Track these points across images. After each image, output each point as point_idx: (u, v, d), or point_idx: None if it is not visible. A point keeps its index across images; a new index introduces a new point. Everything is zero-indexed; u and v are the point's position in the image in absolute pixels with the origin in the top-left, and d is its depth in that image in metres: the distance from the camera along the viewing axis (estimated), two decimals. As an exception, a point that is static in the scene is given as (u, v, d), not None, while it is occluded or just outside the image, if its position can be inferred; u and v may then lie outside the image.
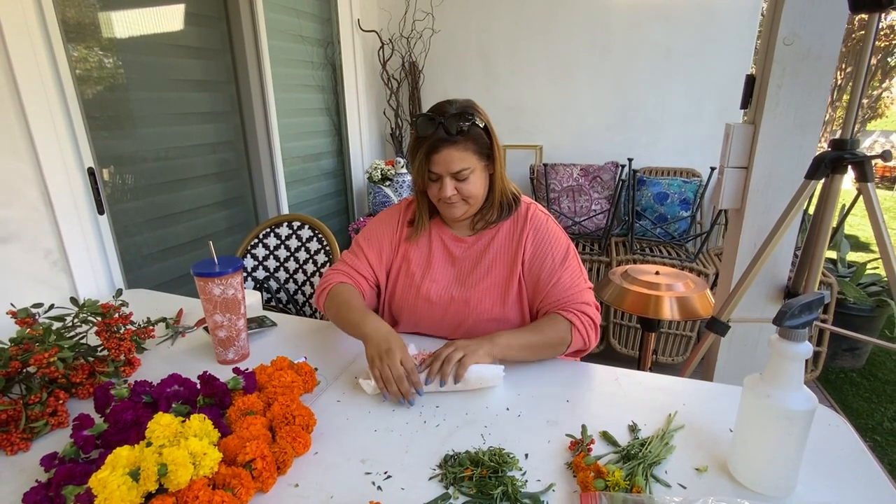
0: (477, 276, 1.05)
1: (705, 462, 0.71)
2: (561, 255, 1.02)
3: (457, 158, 0.95)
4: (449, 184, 0.97)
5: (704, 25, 2.53)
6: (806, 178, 1.06)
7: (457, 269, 1.07)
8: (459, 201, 1.00)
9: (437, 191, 0.99)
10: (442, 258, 1.08)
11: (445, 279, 1.07)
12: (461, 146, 0.95)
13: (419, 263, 1.09)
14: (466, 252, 1.07)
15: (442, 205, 1.03)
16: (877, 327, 2.47)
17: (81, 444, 0.70)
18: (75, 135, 1.31)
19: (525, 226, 1.04)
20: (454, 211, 1.02)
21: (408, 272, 1.09)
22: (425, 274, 1.07)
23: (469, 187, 0.98)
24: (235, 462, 0.68)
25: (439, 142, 0.94)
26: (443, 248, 1.09)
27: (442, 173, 0.97)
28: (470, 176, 0.97)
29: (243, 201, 2.19)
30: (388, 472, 0.70)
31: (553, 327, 0.96)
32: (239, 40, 2.01)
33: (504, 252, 1.05)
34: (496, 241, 1.06)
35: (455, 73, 2.99)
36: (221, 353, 1.01)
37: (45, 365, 0.80)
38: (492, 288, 1.04)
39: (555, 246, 1.03)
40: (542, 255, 1.02)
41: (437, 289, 1.06)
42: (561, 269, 1.01)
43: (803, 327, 0.60)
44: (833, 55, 1.11)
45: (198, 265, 0.95)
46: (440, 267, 1.08)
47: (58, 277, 1.30)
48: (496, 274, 1.04)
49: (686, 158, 2.77)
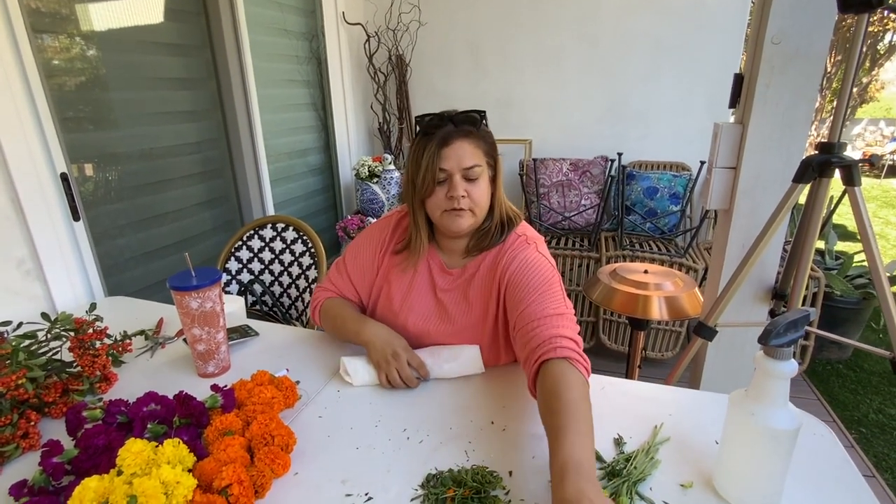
0: (454, 312, 0.99)
1: (691, 477, 0.71)
2: (538, 282, 0.90)
3: (469, 153, 0.89)
4: (460, 183, 0.89)
5: (694, 17, 2.51)
6: (793, 182, 1.05)
7: (437, 302, 1.00)
8: (468, 209, 0.91)
9: (445, 194, 0.90)
10: (424, 287, 1.01)
11: (424, 309, 1.01)
12: (473, 141, 0.90)
13: (399, 288, 1.02)
14: (450, 285, 1.00)
15: (447, 215, 0.92)
16: (863, 319, 2.49)
17: (51, 471, 0.67)
18: (45, 138, 1.26)
19: (503, 259, 0.95)
20: (461, 221, 0.91)
21: (388, 295, 1.03)
22: (404, 300, 1.01)
23: (478, 192, 0.91)
24: (212, 487, 0.66)
25: (452, 134, 0.89)
26: (427, 275, 1.01)
27: (453, 170, 0.89)
28: (480, 178, 0.91)
29: (227, 201, 2.15)
30: (368, 494, 0.69)
31: (581, 392, 0.73)
32: (218, 36, 1.95)
33: (483, 286, 0.97)
34: (478, 275, 0.97)
35: (443, 67, 2.95)
36: (201, 366, 0.99)
37: (14, 387, 0.77)
38: (469, 328, 0.98)
39: (534, 273, 0.91)
40: (518, 281, 0.91)
41: (413, 318, 1.00)
42: (536, 294, 0.88)
43: (789, 345, 0.59)
44: (821, 55, 1.09)
45: (174, 278, 0.92)
46: (420, 296, 1.01)
47: (32, 287, 1.26)
48: (474, 314, 0.98)
49: (676, 152, 2.76)
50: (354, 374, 0.94)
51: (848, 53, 0.93)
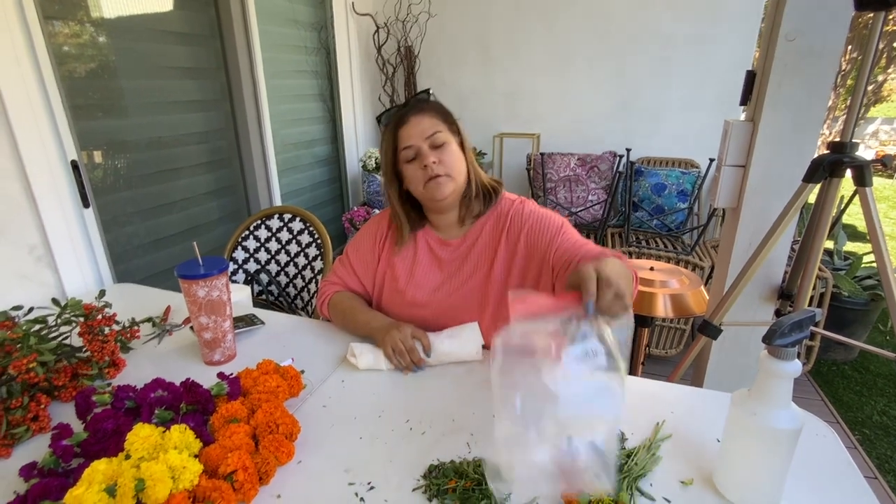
0: (461, 279, 1.04)
1: (691, 474, 0.71)
2: (556, 227, 0.98)
3: (427, 123, 0.96)
4: (428, 152, 0.95)
5: (706, 12, 2.47)
6: (803, 182, 1.04)
7: (444, 272, 1.06)
8: (444, 174, 0.95)
9: (419, 166, 0.95)
10: (427, 262, 1.07)
11: (431, 283, 1.06)
12: (428, 112, 0.97)
13: (403, 269, 1.07)
14: (452, 255, 1.06)
15: (428, 186, 0.96)
16: (871, 321, 2.47)
17: (60, 454, 0.69)
18: (57, 126, 1.27)
19: (507, 222, 1.01)
20: (441, 188, 0.95)
21: (393, 277, 1.08)
22: (409, 280, 1.06)
23: (448, 156, 0.96)
24: (217, 473, 0.67)
25: (406, 112, 0.97)
26: (429, 252, 1.07)
27: (417, 142, 0.95)
28: (446, 145, 0.96)
29: (235, 190, 2.16)
30: (371, 483, 0.70)
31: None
32: (228, 25, 1.95)
33: (487, 255, 1.03)
34: (479, 243, 1.04)
35: (452, 59, 2.93)
36: (207, 354, 1.00)
37: (25, 371, 0.79)
38: (475, 290, 1.03)
39: (547, 222, 0.99)
40: (539, 233, 0.98)
41: (422, 294, 1.05)
42: (560, 236, 0.96)
43: (793, 346, 0.59)
44: (836, 53, 1.07)
45: (181, 266, 0.93)
46: (425, 271, 1.06)
47: (43, 273, 1.28)
48: (479, 277, 1.03)
49: (685, 148, 2.74)
50: (360, 356, 0.96)
51: (864, 51, 0.92)
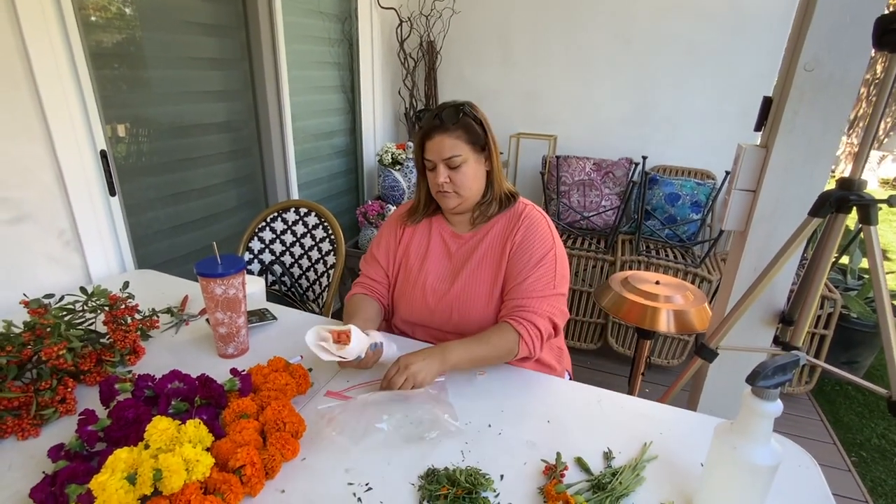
0: (466, 273, 1.10)
1: (672, 497, 0.74)
2: (538, 256, 1.05)
3: (448, 145, 1.02)
4: (442, 171, 1.04)
5: (732, 22, 2.43)
6: (809, 215, 1.05)
7: (452, 264, 1.13)
8: (452, 192, 1.06)
9: (434, 177, 1.06)
10: (439, 251, 1.15)
11: (439, 271, 1.14)
12: (453, 134, 1.02)
13: (418, 255, 1.16)
14: (461, 248, 1.13)
15: (438, 195, 1.09)
16: (878, 343, 2.45)
17: (86, 438, 0.75)
18: (88, 117, 1.33)
19: (517, 223, 1.09)
20: (447, 201, 1.08)
21: (407, 263, 1.16)
22: (422, 265, 1.15)
23: (461, 177, 1.04)
24: (227, 466, 0.72)
25: (432, 129, 1.03)
26: (441, 242, 1.15)
27: (435, 160, 1.04)
28: (462, 166, 1.04)
29: (253, 180, 2.21)
30: (369, 484, 0.75)
31: (502, 338, 1.00)
32: (254, 17, 1.98)
33: (493, 252, 1.10)
34: (487, 239, 1.11)
35: (473, 56, 2.93)
36: (222, 347, 1.05)
37: (55, 357, 0.85)
38: (479, 285, 1.09)
39: (537, 245, 1.06)
40: (524, 250, 1.06)
41: (431, 280, 1.13)
42: (531, 270, 1.04)
43: (775, 388, 0.62)
44: (854, 86, 1.07)
45: (200, 264, 0.98)
46: (436, 260, 1.14)
47: (71, 256, 1.35)
48: (484, 272, 1.09)
49: (702, 159, 2.72)
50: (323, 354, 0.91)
51: (878, 90, 0.92)
